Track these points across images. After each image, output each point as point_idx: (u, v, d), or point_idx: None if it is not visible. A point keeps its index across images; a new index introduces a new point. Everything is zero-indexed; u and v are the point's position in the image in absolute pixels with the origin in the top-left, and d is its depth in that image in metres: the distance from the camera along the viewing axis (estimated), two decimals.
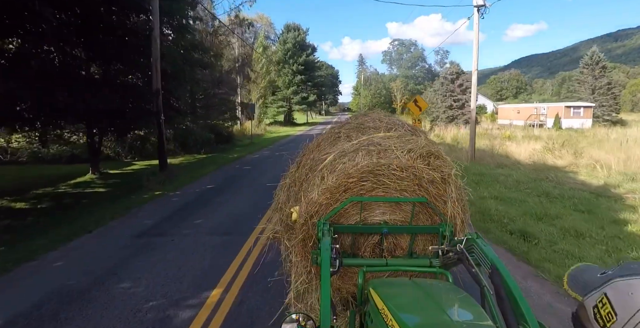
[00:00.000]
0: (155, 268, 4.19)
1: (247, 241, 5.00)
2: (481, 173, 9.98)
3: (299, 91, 43.24)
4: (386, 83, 67.87)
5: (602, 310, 0.68)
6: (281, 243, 2.66)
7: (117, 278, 3.95)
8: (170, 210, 6.76)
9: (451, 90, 31.33)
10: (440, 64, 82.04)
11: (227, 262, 4.29)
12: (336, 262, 1.71)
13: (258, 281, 3.73)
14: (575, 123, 34.37)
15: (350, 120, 3.29)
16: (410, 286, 1.55)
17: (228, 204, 7.09)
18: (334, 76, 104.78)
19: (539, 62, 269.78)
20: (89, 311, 3.30)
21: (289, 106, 43.95)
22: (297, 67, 42.17)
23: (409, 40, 79.24)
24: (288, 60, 42.58)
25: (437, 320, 1.21)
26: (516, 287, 1.31)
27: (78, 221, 6.26)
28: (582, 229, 5.29)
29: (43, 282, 3.92)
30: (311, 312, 2.22)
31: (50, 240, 5.26)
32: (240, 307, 3.35)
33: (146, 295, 3.56)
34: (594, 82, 38.58)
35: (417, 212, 2.32)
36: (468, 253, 1.63)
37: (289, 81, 42.86)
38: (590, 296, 0.73)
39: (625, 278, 0.67)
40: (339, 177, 2.16)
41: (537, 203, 6.93)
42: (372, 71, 76.35)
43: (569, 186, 8.40)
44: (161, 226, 5.84)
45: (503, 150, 15.71)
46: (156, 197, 7.86)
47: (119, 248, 4.87)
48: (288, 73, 42.66)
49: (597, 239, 4.99)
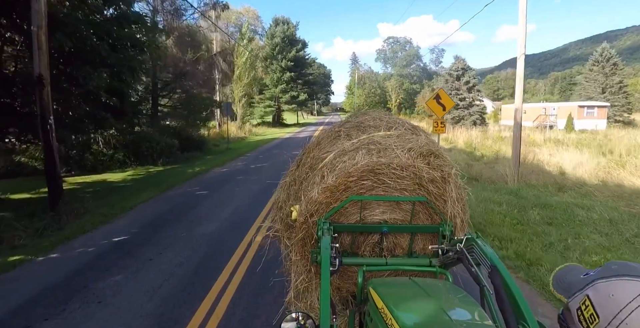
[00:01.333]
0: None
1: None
2: (545, 205, 6.70)
3: (289, 89, 39.67)
4: (380, 82, 64.86)
5: (585, 312, 0.68)
6: (281, 242, 2.62)
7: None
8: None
9: (457, 88, 28.22)
10: (435, 62, 79.47)
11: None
12: (336, 261, 1.71)
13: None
14: (589, 124, 31.63)
15: (350, 119, 3.13)
16: (409, 285, 1.52)
17: (111, 307, 3.42)
18: (326, 75, 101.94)
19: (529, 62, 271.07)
20: None
21: (278, 106, 40.39)
22: (286, 63, 38.60)
23: (404, 38, 76.11)
24: (276, 55, 39.01)
25: (436, 319, 1.19)
26: (515, 287, 1.32)
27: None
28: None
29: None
30: (311, 311, 2.18)
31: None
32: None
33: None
34: (605, 81, 35.98)
35: (417, 211, 2.30)
36: (468, 253, 1.64)
37: (277, 78, 39.27)
38: (573, 298, 0.73)
39: (605, 280, 0.67)
40: (339, 175, 2.14)
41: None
42: (366, 69, 73.13)
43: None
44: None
45: (539, 160, 12.53)
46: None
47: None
48: (276, 70, 39.08)
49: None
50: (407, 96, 67.11)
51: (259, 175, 10.41)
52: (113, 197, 7.90)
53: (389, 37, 76.44)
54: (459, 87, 28.08)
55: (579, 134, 25.73)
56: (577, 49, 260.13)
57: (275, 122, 41.65)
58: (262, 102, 40.32)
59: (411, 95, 68.18)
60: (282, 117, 45.27)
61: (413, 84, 69.15)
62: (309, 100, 45.54)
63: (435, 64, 79.51)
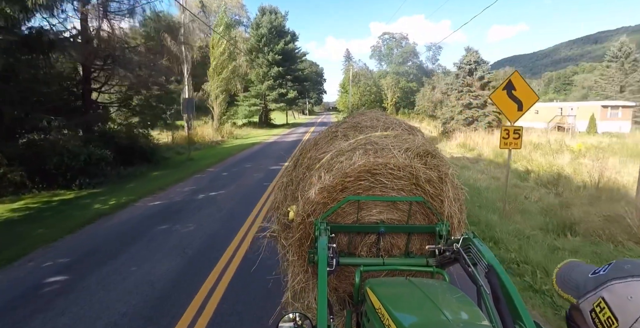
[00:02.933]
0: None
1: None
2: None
3: (276, 86, 35.44)
4: (376, 79, 61.17)
5: (601, 315, 0.66)
6: (278, 242, 2.59)
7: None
8: None
9: (469, 84, 24.47)
10: (432, 60, 75.76)
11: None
12: (333, 261, 1.70)
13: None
14: (612, 126, 28.31)
15: (347, 120, 3.10)
16: (406, 285, 1.53)
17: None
18: (318, 74, 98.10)
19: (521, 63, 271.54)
20: None
21: (264, 104, 36.21)
22: (273, 56, 34.37)
23: (400, 34, 72.33)
24: (262, 48, 34.78)
25: (433, 319, 1.19)
26: (512, 287, 1.32)
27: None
28: None
29: None
30: (308, 312, 2.13)
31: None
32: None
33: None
34: (625, 78, 32.81)
35: (414, 211, 2.29)
36: (465, 253, 1.65)
37: (263, 74, 35.02)
38: (585, 299, 0.70)
39: (622, 281, 0.64)
40: (336, 176, 2.12)
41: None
42: (360, 66, 69.20)
43: None
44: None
45: (616, 185, 8.73)
46: None
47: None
48: (262, 64, 34.86)
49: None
50: (404, 95, 63.73)
51: (198, 222, 6.24)
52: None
53: (384, 33, 72.53)
54: (471, 83, 24.35)
55: (608, 137, 22.23)
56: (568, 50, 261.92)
57: (262, 123, 37.52)
58: (247, 100, 36.10)
59: (408, 93, 64.80)
60: (269, 117, 41.16)
61: (410, 82, 65.74)
62: (299, 99, 41.32)
63: (432, 61, 75.95)
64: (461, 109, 24.08)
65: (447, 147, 17.89)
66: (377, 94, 59.12)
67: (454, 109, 24.57)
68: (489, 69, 24.64)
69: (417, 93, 56.82)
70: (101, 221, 6.42)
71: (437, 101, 47.93)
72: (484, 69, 24.45)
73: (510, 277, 1.65)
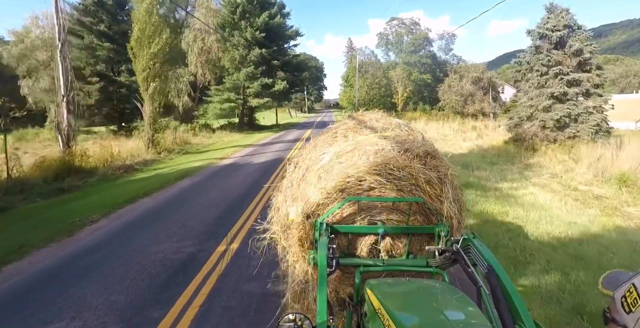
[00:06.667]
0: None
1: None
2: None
3: (258, 74, 26.02)
4: (386, 70, 51.61)
5: (629, 298, 0.73)
6: (279, 243, 2.59)
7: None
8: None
9: (558, 61, 15.06)
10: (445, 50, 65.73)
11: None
12: (333, 262, 1.72)
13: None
14: None
15: (347, 121, 3.13)
16: (406, 286, 1.54)
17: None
18: (318, 69, 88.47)
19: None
20: None
21: (243, 99, 26.82)
22: (252, 33, 24.89)
23: (410, 19, 62.52)
24: (238, 22, 25.34)
25: (433, 320, 1.19)
26: (512, 287, 1.32)
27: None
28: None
29: None
30: (308, 313, 2.14)
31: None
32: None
33: None
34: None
35: (414, 212, 2.28)
36: (464, 254, 1.65)
37: (240, 58, 25.59)
38: (619, 289, 0.79)
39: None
40: (336, 177, 2.16)
41: None
42: (367, 54, 59.46)
43: None
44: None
45: None
46: None
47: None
48: (239, 45, 25.44)
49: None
50: (416, 88, 54.32)
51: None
52: None
53: (392, 18, 62.75)
54: (562, 61, 15.03)
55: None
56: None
57: (243, 124, 28.19)
58: (219, 94, 26.74)
59: (421, 87, 55.39)
60: (254, 116, 31.80)
61: (423, 73, 56.22)
62: (291, 92, 31.83)
63: (445, 51, 66.04)
64: (549, 101, 14.66)
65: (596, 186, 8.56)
66: (387, 87, 49.76)
67: (537, 101, 15.08)
68: (588, 38, 15.15)
69: (435, 85, 47.45)
70: None
71: (468, 94, 38.84)
72: (581, 38, 14.98)
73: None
